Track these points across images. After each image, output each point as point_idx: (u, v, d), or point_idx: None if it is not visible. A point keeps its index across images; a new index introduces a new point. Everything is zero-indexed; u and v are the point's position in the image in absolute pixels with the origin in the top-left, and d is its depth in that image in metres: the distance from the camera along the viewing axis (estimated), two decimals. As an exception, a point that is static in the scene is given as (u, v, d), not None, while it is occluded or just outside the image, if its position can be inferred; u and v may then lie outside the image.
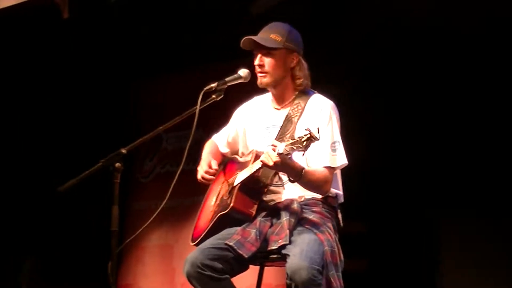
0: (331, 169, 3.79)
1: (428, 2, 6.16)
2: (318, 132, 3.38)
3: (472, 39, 6.42)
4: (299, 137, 3.40)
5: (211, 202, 4.11)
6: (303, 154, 3.46)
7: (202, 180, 4.02)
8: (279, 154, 3.47)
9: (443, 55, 6.69)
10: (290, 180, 3.70)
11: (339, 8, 6.72)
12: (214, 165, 4.00)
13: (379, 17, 6.59)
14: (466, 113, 6.71)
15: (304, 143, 3.37)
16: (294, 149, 3.41)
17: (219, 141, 4.28)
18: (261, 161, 3.59)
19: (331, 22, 6.78)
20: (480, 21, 6.25)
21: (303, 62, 4.00)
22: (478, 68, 6.57)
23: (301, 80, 3.98)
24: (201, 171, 4.02)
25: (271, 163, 3.51)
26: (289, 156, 3.50)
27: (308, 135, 3.36)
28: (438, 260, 6.77)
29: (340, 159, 3.81)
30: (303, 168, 3.64)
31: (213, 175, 4.01)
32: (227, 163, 4.22)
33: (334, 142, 3.81)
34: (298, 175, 3.63)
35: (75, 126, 8.35)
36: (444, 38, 6.57)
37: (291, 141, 3.43)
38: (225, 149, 4.26)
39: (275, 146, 3.50)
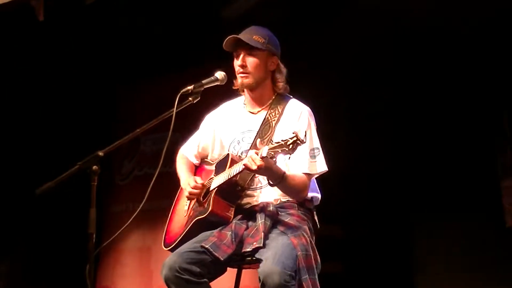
0: (310, 175, 3.81)
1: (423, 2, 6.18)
2: (305, 136, 3.40)
3: (469, 40, 6.47)
4: (283, 140, 3.41)
5: (184, 206, 4.11)
6: (289, 157, 3.48)
7: (191, 196, 3.97)
8: (263, 158, 3.48)
9: (431, 57, 6.73)
10: (270, 184, 3.72)
11: (316, 10, 6.73)
12: (199, 181, 3.96)
13: (358, 18, 6.62)
14: (443, 116, 6.76)
15: (291, 146, 3.38)
16: (279, 152, 3.42)
17: (189, 154, 4.27)
18: (244, 164, 3.58)
19: (306, 25, 6.80)
20: (474, 22, 6.30)
21: (282, 66, 4.02)
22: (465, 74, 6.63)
23: (282, 83, 4.00)
24: (188, 187, 3.96)
25: (254, 167, 3.52)
26: (274, 159, 3.52)
27: (295, 138, 3.37)
28: (413, 263, 6.80)
29: (320, 165, 3.83)
30: (284, 172, 3.66)
31: (200, 190, 3.95)
32: (197, 168, 4.23)
33: (313, 149, 3.83)
34: (278, 179, 3.65)
35: (56, 127, 8.34)
36: (439, 39, 6.60)
37: (275, 144, 3.44)
38: (196, 160, 4.26)
39: (258, 150, 3.51)
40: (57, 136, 8.30)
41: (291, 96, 4.06)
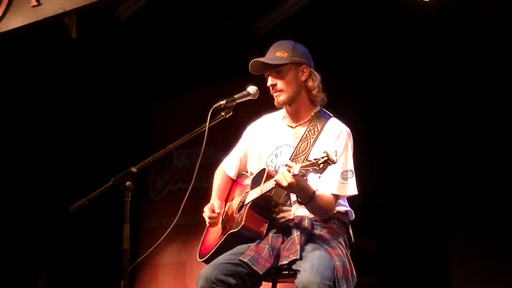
0: (337, 196, 3.78)
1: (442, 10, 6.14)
2: (336, 155, 3.38)
3: (482, 46, 6.41)
4: (315, 159, 3.40)
5: (220, 219, 4.11)
6: (320, 176, 3.47)
7: (210, 223, 4.01)
8: (294, 175, 3.47)
9: (447, 70, 6.69)
10: (298, 202, 3.70)
11: (346, 22, 6.72)
12: (217, 209, 3.98)
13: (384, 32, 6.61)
14: (478, 125, 6.70)
15: (321, 165, 3.36)
16: (310, 171, 3.40)
17: (228, 168, 4.24)
18: (275, 180, 3.57)
19: (337, 37, 6.80)
20: (486, 25, 6.25)
21: (315, 73, 3.95)
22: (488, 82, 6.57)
23: (316, 90, 3.93)
24: (206, 216, 4.00)
25: (285, 184, 3.51)
26: (304, 178, 3.50)
27: (326, 158, 3.35)
28: (449, 275, 6.73)
29: (351, 189, 3.79)
30: (314, 192, 3.64)
31: (216, 219, 3.98)
32: (234, 181, 4.22)
33: (346, 171, 3.78)
34: (308, 197, 3.62)
35: (91, 144, 8.42)
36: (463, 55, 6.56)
37: (307, 162, 3.43)
38: (234, 173, 4.22)
39: (291, 167, 3.49)
40: (92, 153, 8.36)
41: (332, 115, 3.99)
